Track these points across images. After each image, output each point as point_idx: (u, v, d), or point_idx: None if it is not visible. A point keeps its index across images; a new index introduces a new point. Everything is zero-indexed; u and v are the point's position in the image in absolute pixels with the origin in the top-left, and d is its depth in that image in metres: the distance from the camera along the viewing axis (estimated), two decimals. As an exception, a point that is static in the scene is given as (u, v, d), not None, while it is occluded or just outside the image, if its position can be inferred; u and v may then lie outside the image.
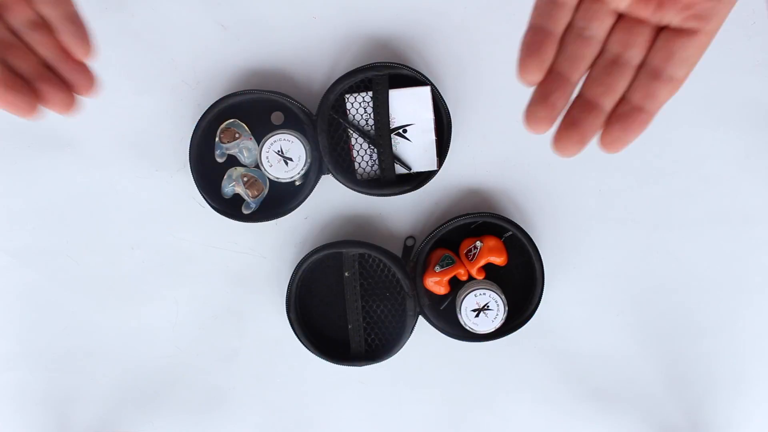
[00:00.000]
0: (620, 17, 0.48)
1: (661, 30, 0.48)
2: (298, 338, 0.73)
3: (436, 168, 0.72)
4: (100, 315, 0.75)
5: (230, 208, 0.72)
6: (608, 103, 0.47)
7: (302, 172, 0.70)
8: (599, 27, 0.47)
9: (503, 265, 0.71)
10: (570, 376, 0.75)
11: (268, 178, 0.71)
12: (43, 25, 0.50)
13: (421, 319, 0.73)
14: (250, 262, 0.75)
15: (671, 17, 0.47)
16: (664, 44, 0.47)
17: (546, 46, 0.46)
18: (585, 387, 0.75)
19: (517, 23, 0.72)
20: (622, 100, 0.48)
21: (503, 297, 0.70)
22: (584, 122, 0.47)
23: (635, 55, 0.47)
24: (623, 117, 0.47)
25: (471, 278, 0.72)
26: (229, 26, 0.73)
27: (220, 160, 0.72)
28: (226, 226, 0.74)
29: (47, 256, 0.75)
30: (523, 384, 0.75)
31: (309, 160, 0.70)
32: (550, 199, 0.74)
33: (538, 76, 0.46)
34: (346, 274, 0.72)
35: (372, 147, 0.72)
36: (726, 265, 0.74)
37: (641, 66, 0.48)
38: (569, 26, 0.47)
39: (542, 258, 0.71)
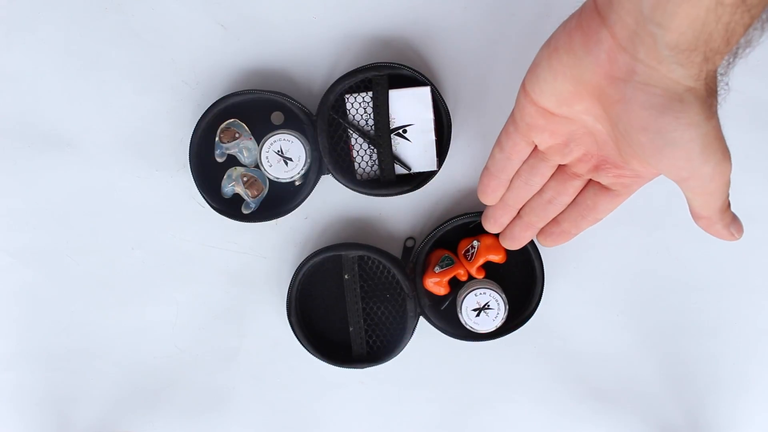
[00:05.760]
0: (559, 167, 0.61)
1: (589, 181, 0.61)
2: (300, 342, 0.72)
3: (435, 168, 0.71)
4: (100, 315, 0.75)
5: (230, 208, 0.72)
6: (540, 224, 0.66)
7: (302, 172, 0.70)
8: (540, 180, 0.62)
9: (502, 262, 0.71)
10: (570, 376, 0.75)
11: (268, 178, 0.71)
12: None
13: (421, 319, 0.73)
14: (250, 262, 0.75)
15: (601, 178, 0.60)
16: (591, 197, 0.62)
17: (497, 190, 0.64)
18: (585, 387, 0.75)
19: (518, 24, 0.72)
20: (554, 221, 0.65)
21: (504, 296, 0.69)
22: (521, 237, 0.67)
23: (566, 200, 0.63)
24: (553, 235, 0.66)
25: (471, 278, 0.72)
26: (229, 26, 0.73)
27: (220, 160, 0.72)
28: (226, 226, 0.74)
29: (47, 256, 0.75)
30: (523, 384, 0.75)
31: (309, 160, 0.70)
32: (550, 199, 0.74)
33: (492, 203, 0.66)
34: (346, 276, 0.72)
35: (372, 147, 0.72)
36: (726, 264, 0.74)
37: (571, 204, 0.63)
38: (517, 173, 0.62)
39: (542, 257, 0.71)
